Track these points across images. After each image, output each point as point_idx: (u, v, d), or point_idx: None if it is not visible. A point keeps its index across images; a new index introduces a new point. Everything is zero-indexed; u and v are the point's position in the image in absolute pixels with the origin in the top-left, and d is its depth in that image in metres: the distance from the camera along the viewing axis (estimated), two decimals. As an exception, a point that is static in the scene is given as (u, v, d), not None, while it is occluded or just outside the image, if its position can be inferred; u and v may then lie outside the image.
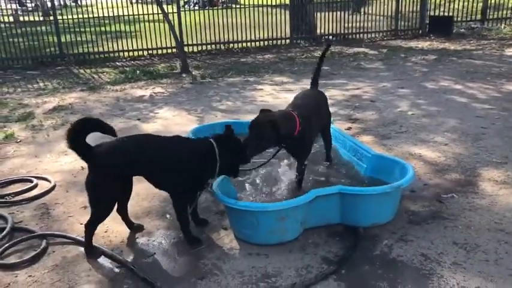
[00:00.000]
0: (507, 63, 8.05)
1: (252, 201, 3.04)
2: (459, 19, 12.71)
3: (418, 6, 12.21)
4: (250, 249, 2.73)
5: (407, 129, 4.73)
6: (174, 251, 2.78)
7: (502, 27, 12.37)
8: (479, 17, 12.71)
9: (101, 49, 10.84)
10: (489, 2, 12.61)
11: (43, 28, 11.38)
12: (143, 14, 11.23)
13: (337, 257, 2.62)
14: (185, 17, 10.97)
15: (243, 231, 2.79)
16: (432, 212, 3.08)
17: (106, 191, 2.65)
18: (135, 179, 3.64)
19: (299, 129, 3.03)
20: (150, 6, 11.21)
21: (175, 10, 10.77)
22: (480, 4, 12.68)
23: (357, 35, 12.18)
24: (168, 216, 3.18)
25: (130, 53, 10.81)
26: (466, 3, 12.75)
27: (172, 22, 9.05)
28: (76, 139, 2.55)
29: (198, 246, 2.77)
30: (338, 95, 6.27)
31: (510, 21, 12.66)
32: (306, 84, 7.26)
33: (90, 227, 2.71)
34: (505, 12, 12.94)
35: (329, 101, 3.90)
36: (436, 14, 13.16)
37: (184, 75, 8.26)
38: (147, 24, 11.08)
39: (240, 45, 11.42)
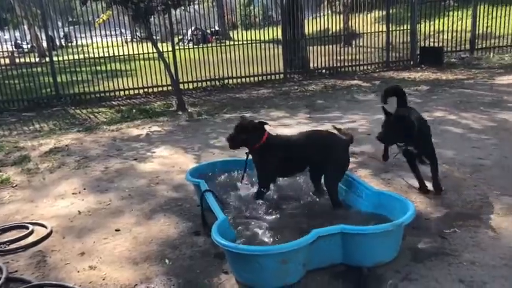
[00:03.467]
0: (498, 91, 8.16)
1: (252, 244, 2.97)
2: (449, 49, 12.98)
3: (408, 38, 12.44)
4: (252, 294, 2.67)
5: (404, 162, 4.71)
6: (174, 298, 2.72)
7: (491, 56, 12.62)
8: (468, 46, 12.98)
9: (96, 89, 10.92)
10: (477, 31, 12.89)
11: (39, 69, 11.48)
12: (138, 54, 11.36)
13: (342, 300, 2.57)
14: (179, 54, 11.11)
15: (245, 275, 2.73)
16: (435, 248, 3.04)
17: None
18: (131, 222, 3.62)
19: (264, 140, 3.51)
20: (145, 45, 11.37)
21: (170, 48, 10.90)
22: (468, 34, 12.98)
23: (350, 68, 12.35)
24: (167, 261, 3.12)
25: (126, 92, 10.88)
26: (455, 34, 13.03)
27: (167, 60, 9.17)
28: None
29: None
30: (333, 129, 6.27)
31: (498, 50, 12.92)
32: (301, 118, 7.34)
33: None
34: (493, 41, 13.22)
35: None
36: (426, 44, 13.42)
37: (180, 112, 8.30)
38: (142, 62, 11.22)
39: (234, 81, 11.55)
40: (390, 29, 12.44)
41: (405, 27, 12.54)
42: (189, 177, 3.84)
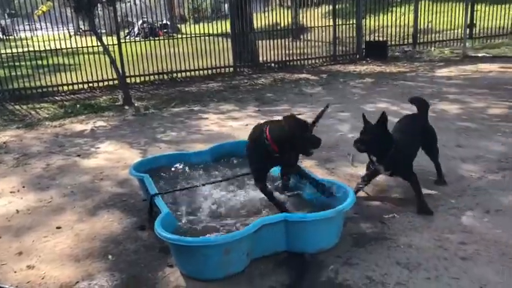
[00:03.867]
0: (438, 83, 8.54)
1: (196, 236, 2.95)
2: (393, 43, 13.41)
3: (354, 32, 12.74)
4: (197, 286, 2.67)
5: (348, 152, 4.85)
6: (116, 293, 2.67)
7: (432, 49, 13.16)
8: (411, 40, 13.47)
9: (38, 83, 10.43)
10: (419, 26, 13.40)
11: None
12: (82, 47, 10.97)
13: (284, 286, 2.61)
14: (126, 48, 10.82)
15: (188, 267, 2.72)
16: (376, 233, 3.15)
17: None
18: (73, 219, 3.53)
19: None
20: (90, 39, 10.98)
21: (116, 41, 10.59)
22: (411, 29, 13.47)
23: (298, 62, 12.50)
24: (110, 257, 3.05)
25: (70, 87, 10.45)
26: (398, 29, 13.49)
27: (113, 54, 8.91)
28: None
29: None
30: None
31: (439, 44, 13.50)
32: (250, 111, 7.36)
33: None
34: (433, 36, 13.80)
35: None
36: (372, 39, 13.80)
37: (126, 107, 8.10)
38: (87, 56, 10.85)
39: (183, 74, 11.40)
40: (337, 24, 12.70)
41: (351, 22, 12.84)
42: (133, 171, 3.76)
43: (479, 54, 11.65)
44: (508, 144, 4.81)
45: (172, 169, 3.97)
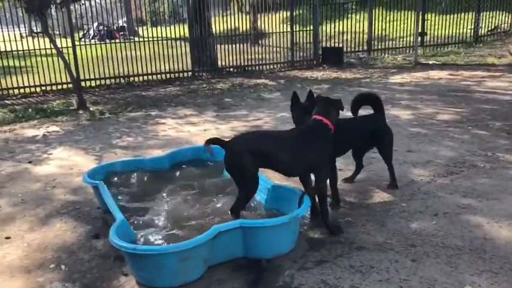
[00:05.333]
0: (391, 90, 8.82)
1: (152, 244, 2.92)
2: (349, 50, 13.75)
3: (312, 38, 12.98)
4: (152, 294, 2.65)
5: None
6: (69, 305, 2.60)
7: (386, 56, 13.58)
8: (365, 47, 13.86)
9: (-14, 86, 10.01)
10: (373, 34, 13.81)
11: None
12: (35, 49, 10.61)
13: (242, 293, 2.63)
14: (81, 50, 10.58)
15: (144, 275, 2.69)
16: (330, 237, 3.22)
17: None
18: (23, 229, 3.41)
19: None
20: (43, 40, 10.64)
21: (70, 44, 10.33)
22: (366, 36, 13.86)
23: (257, 67, 12.60)
24: (63, 267, 2.97)
25: (22, 90, 10.12)
26: (354, 35, 13.85)
27: (67, 56, 8.68)
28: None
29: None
30: (240, 127, 6.40)
31: (392, 51, 13.96)
32: (208, 116, 7.35)
33: None
34: (388, 43, 14.26)
35: (231, 133, 3.92)
36: (330, 45, 14.10)
37: (81, 111, 7.91)
38: (39, 58, 10.50)
39: (141, 78, 11.25)
40: (294, 30, 12.91)
41: (308, 28, 13.07)
42: (87, 178, 3.68)
43: (430, 62, 12.12)
44: (456, 149, 5.03)
45: (129, 176, 3.91)
